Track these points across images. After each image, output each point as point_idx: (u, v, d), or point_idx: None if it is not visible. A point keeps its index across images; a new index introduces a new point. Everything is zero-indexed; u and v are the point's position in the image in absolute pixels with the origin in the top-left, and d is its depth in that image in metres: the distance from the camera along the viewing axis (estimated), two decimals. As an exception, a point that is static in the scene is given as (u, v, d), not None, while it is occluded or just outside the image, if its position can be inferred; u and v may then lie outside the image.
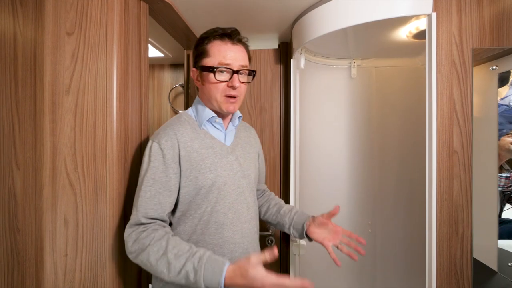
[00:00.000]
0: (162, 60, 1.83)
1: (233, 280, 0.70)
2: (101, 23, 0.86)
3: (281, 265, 1.49)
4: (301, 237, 1.02)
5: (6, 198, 0.88)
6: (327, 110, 1.57)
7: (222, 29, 0.87)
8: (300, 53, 1.33)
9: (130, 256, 0.77)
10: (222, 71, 0.84)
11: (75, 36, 0.86)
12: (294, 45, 1.30)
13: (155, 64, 1.88)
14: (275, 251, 0.71)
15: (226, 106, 0.86)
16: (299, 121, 1.36)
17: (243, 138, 0.99)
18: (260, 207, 1.10)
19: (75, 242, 0.85)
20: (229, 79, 0.85)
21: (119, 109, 0.87)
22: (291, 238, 1.31)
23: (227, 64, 0.84)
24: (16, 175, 0.88)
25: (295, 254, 1.28)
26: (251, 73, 0.90)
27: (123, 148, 0.89)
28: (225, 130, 0.93)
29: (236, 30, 0.88)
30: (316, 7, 1.10)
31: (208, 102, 0.89)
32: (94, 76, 0.85)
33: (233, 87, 0.84)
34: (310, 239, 1.00)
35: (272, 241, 1.47)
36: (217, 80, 0.84)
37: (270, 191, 1.52)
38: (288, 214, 1.04)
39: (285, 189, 1.48)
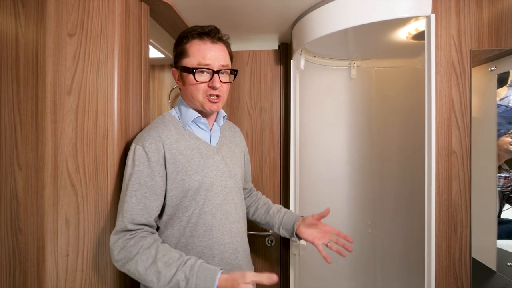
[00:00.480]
0: (162, 61, 1.83)
1: None
2: (102, 24, 0.86)
3: (281, 265, 1.50)
4: (291, 236, 1.03)
5: (8, 198, 0.89)
6: (327, 110, 1.58)
7: (201, 27, 0.85)
8: (300, 54, 1.34)
9: (117, 264, 0.75)
10: (202, 72, 0.83)
11: (76, 37, 0.86)
12: (294, 46, 1.31)
13: (155, 65, 1.89)
14: (275, 277, 0.71)
15: (208, 106, 0.85)
16: (299, 122, 1.37)
17: (228, 137, 0.98)
18: (248, 207, 1.09)
19: (76, 242, 0.86)
20: (210, 80, 0.83)
21: (120, 109, 0.88)
22: (291, 238, 1.32)
23: (207, 65, 0.82)
24: (18, 175, 0.88)
25: (295, 254, 1.29)
26: (233, 72, 0.89)
27: (124, 148, 0.89)
28: (210, 130, 0.92)
29: (216, 28, 0.85)
30: (316, 8, 1.11)
31: (190, 102, 0.87)
32: (96, 77, 0.86)
33: (213, 88, 0.83)
34: (299, 238, 1.02)
35: (272, 241, 1.47)
36: (197, 81, 0.82)
37: (270, 191, 1.52)
38: (277, 215, 1.05)
39: (285, 189, 1.48)
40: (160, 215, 0.84)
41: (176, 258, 0.73)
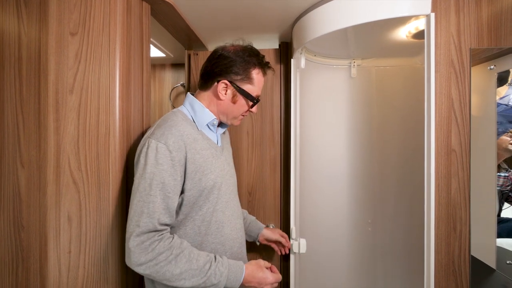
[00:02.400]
0: (163, 60, 1.84)
1: (247, 279, 0.82)
2: (104, 23, 0.87)
3: (281, 264, 1.50)
4: (253, 240, 1.22)
5: (10, 195, 0.90)
6: (327, 109, 1.58)
7: (263, 57, 0.93)
8: (301, 53, 1.34)
9: (140, 268, 0.73)
10: (256, 101, 0.93)
11: (78, 36, 0.87)
12: (295, 45, 1.31)
13: (156, 64, 1.90)
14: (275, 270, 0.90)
15: (236, 123, 0.95)
16: (299, 121, 1.38)
17: (225, 139, 1.04)
18: None
19: (78, 239, 0.87)
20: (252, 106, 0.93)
21: (122, 108, 0.88)
22: (291, 236, 1.32)
23: (259, 96, 0.94)
24: (21, 173, 0.89)
25: (295, 253, 1.29)
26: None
27: (126, 147, 0.90)
28: (216, 132, 0.96)
29: (267, 62, 0.95)
30: (317, 7, 1.11)
31: (218, 112, 0.92)
32: (97, 75, 0.87)
33: (251, 112, 0.95)
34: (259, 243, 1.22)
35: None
36: (251, 109, 0.93)
37: (271, 190, 1.54)
38: (244, 221, 1.15)
39: (286, 188, 1.49)
40: (176, 214, 0.84)
41: (205, 255, 0.79)
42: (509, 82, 1.00)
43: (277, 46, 1.59)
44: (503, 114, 1.01)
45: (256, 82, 0.91)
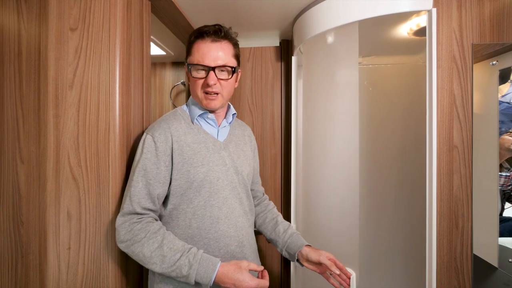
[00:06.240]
0: (164, 58, 1.84)
1: (221, 278, 0.76)
2: (104, 19, 0.86)
3: (282, 262, 1.50)
4: (292, 260, 1.01)
5: (10, 191, 0.89)
6: (328, 107, 1.58)
7: (206, 27, 0.87)
8: (301, 50, 1.34)
9: (121, 245, 0.79)
10: (198, 69, 0.86)
11: (78, 32, 0.87)
12: (295, 42, 1.31)
13: (156, 63, 1.90)
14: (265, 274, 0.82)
15: (206, 103, 0.87)
16: (301, 119, 1.37)
17: (237, 135, 1.01)
18: (256, 217, 1.09)
19: (78, 236, 0.86)
20: (206, 76, 0.85)
21: (122, 104, 0.88)
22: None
23: (203, 62, 0.85)
24: (20, 169, 0.89)
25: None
26: (232, 69, 0.89)
27: (126, 143, 0.90)
28: (218, 126, 0.94)
29: (218, 27, 0.87)
30: (317, 4, 1.11)
31: (194, 98, 0.91)
32: (97, 71, 0.86)
33: (207, 85, 0.85)
34: (302, 265, 0.99)
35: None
36: (193, 77, 0.87)
37: (271, 188, 1.52)
38: (282, 235, 1.02)
39: (286, 186, 1.48)
40: (165, 204, 0.87)
41: (181, 245, 0.78)
42: (511, 79, 0.99)
43: (277, 44, 1.59)
44: (505, 113, 1.00)
45: (193, 51, 0.86)
